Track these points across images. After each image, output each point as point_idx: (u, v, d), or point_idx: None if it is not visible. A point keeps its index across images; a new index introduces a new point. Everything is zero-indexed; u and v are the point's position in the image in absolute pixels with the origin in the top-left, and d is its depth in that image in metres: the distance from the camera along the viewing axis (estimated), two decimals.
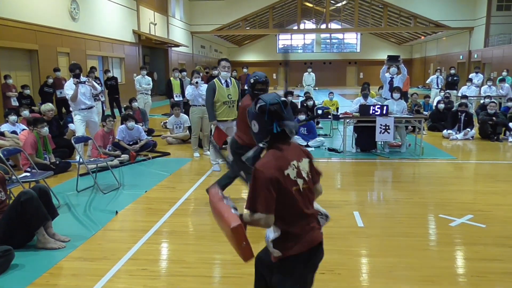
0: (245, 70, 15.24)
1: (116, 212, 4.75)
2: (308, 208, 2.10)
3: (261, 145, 2.09)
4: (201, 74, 8.51)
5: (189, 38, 29.63)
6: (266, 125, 2.03)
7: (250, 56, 42.35)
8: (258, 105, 2.05)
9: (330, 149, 8.40)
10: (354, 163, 7.47)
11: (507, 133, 9.67)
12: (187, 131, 9.25)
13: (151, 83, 12.05)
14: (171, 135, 9.30)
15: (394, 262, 3.51)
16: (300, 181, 2.05)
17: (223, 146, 6.79)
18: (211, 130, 7.16)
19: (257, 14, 30.50)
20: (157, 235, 4.14)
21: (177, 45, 24.72)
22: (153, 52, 23.93)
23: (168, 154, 8.09)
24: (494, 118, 9.64)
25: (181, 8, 27.79)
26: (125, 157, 7.31)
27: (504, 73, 15.58)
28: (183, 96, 11.61)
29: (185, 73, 12.08)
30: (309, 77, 16.70)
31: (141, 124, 9.38)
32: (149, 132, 9.93)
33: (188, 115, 9.25)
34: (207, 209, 4.90)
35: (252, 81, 4.19)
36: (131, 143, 7.92)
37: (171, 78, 11.58)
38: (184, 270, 3.41)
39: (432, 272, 3.33)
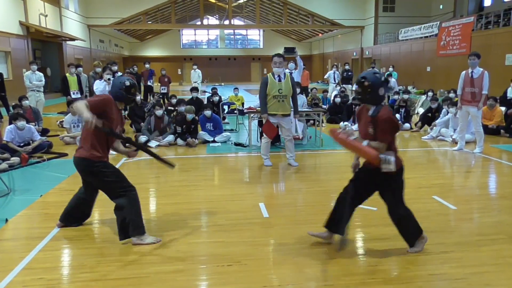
0: (147, 65, 14.78)
1: (6, 220, 4.35)
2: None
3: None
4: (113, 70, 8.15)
5: (86, 31, 27.94)
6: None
7: (153, 51, 41.20)
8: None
9: (236, 144, 8.54)
10: (260, 157, 7.67)
11: None
12: None
13: (43, 79, 11.17)
14: (69, 135, 8.72)
15: (297, 249, 3.69)
16: None
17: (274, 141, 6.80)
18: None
19: (159, 8, 29.76)
20: (55, 241, 3.88)
21: (73, 39, 23.19)
22: (45, 46, 22.17)
23: (65, 155, 7.58)
24: None
25: None
26: (15, 160, 6.70)
27: (391, 69, 17.11)
28: (81, 93, 10.97)
29: (81, 68, 11.39)
30: (194, 74, 16.80)
31: (33, 123, 8.66)
32: (44, 132, 9.21)
33: None
34: (109, 211, 4.70)
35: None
36: (22, 144, 7.29)
37: (67, 74, 10.85)
38: (86, 275, 3.24)
39: (331, 256, 3.56)
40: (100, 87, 7.21)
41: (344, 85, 14.83)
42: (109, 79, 7.29)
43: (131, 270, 3.34)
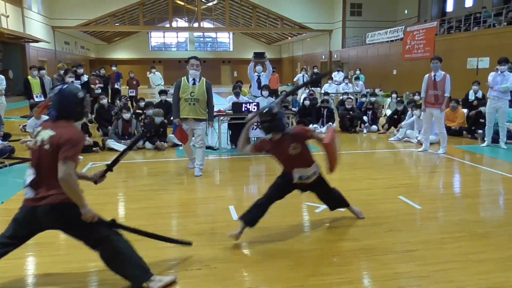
0: (114, 68, 14.53)
1: None
2: None
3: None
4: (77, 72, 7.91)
5: (50, 33, 27.18)
6: None
7: (120, 53, 40.51)
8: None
9: (206, 147, 8.48)
10: (230, 160, 7.68)
11: (362, 125, 10.87)
12: None
13: (4, 83, 10.77)
14: (31, 139, 8.44)
15: (267, 250, 3.70)
16: None
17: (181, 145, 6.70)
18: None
19: (127, 10, 29.31)
20: (19, 249, 3.72)
21: (36, 41, 22.52)
22: (7, 47, 21.43)
23: (28, 160, 7.31)
24: (351, 112, 10.75)
25: (39, 0, 25.31)
26: None
27: (358, 72, 17.45)
28: (45, 96, 10.65)
29: (44, 71, 11.06)
30: (154, 77, 16.49)
31: None
32: (5, 136, 8.87)
33: None
34: None
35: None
36: None
37: (29, 77, 10.51)
38: (52, 282, 3.14)
39: (300, 256, 3.59)
40: None
41: (313, 88, 15.00)
42: (72, 81, 7.08)
43: (97, 276, 3.26)
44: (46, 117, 8.72)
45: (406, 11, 28.74)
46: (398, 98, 11.75)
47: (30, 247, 3.80)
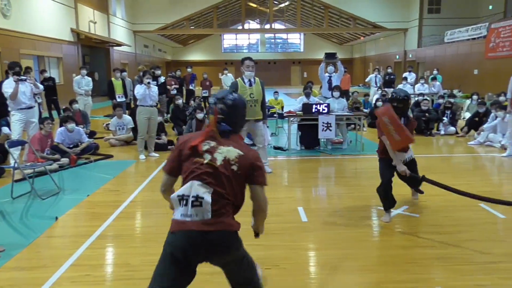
0: (189, 69, 15.09)
1: (56, 218, 4.56)
2: None
3: None
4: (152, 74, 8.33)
5: (132, 37, 28.88)
6: None
7: (195, 55, 41.99)
8: None
9: (275, 147, 8.55)
10: (299, 160, 7.66)
11: (440, 125, 10.32)
12: (130, 133, 9.05)
13: (91, 84, 11.64)
14: (114, 137, 9.05)
15: (336, 254, 3.65)
16: None
17: None
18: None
19: (201, 13, 30.33)
20: (101, 239, 4.03)
21: (119, 44, 24.04)
22: (93, 51, 23.10)
23: (111, 156, 7.87)
24: (427, 114, 10.25)
25: (123, 6, 27.03)
26: (65, 160, 7.02)
27: (435, 72, 16.59)
28: (126, 96, 11.36)
29: (125, 73, 11.78)
30: (226, 79, 16.43)
31: (82, 126, 9.05)
32: (91, 134, 9.61)
33: (131, 116, 9.06)
34: (153, 211, 4.86)
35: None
36: (71, 146, 7.63)
37: (113, 79, 11.26)
38: (130, 273, 3.35)
39: (371, 261, 3.50)
40: (140, 91, 7.38)
41: (386, 89, 14.50)
42: (148, 82, 7.44)
43: None
44: (129, 117, 9.23)
45: (490, 7, 26.78)
46: (480, 100, 11.00)
47: (109, 239, 4.08)
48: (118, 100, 10.90)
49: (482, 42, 21.78)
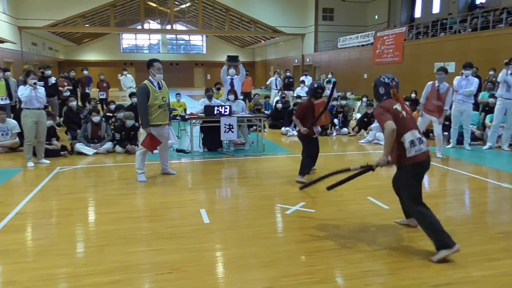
0: (85, 72, 14.03)
1: None
2: None
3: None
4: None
5: (17, 33, 26.40)
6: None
7: (91, 55, 39.75)
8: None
9: (178, 150, 8.44)
10: (202, 163, 7.65)
11: (333, 128, 11.05)
12: (16, 138, 8.29)
13: None
14: None
15: (238, 253, 3.72)
16: None
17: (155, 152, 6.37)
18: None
19: (97, 11, 28.81)
20: None
21: (1, 41, 21.83)
22: None
23: None
24: None
25: None
26: None
27: (330, 76, 17.70)
28: (11, 98, 10.35)
29: (9, 73, 10.73)
30: (126, 79, 15.85)
31: None
32: None
33: (17, 120, 8.29)
34: (44, 222, 4.50)
35: None
36: None
37: None
38: None
39: (272, 258, 3.62)
40: (25, 92, 6.72)
41: (285, 91, 15.13)
42: (35, 83, 6.84)
43: (66, 283, 3.20)
44: (14, 121, 8.42)
45: (376, 17, 29.37)
46: (368, 102, 11.99)
47: None
48: (1, 102, 9.88)
49: (370, 49, 23.76)
